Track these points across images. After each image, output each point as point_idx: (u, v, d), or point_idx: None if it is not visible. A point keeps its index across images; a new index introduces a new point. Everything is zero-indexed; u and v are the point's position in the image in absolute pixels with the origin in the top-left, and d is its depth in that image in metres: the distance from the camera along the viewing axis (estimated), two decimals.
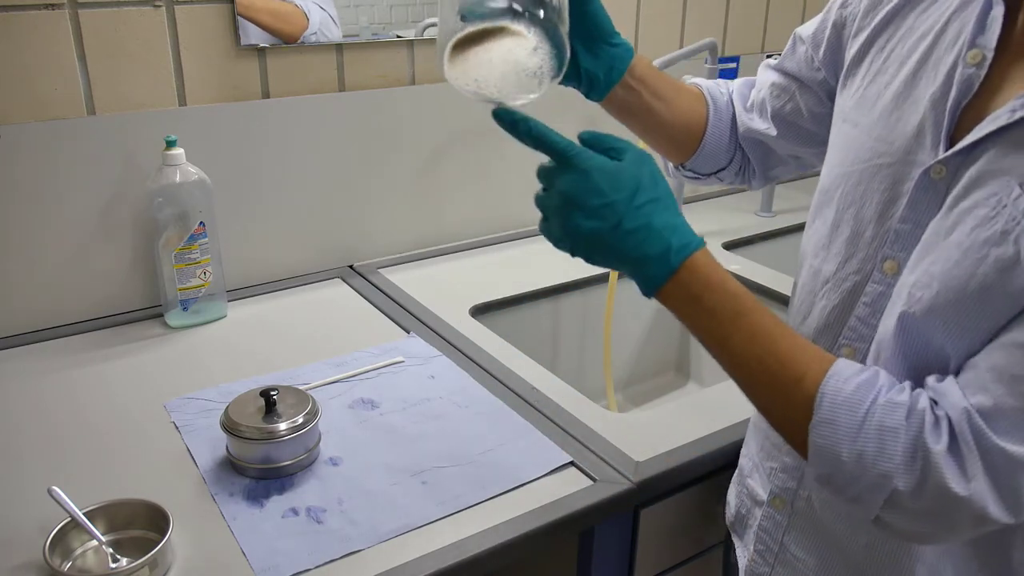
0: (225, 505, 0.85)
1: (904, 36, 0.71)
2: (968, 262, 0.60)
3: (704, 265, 0.66)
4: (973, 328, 0.60)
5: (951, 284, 0.61)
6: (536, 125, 0.66)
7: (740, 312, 0.65)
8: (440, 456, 0.93)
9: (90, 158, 1.18)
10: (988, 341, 0.60)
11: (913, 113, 0.68)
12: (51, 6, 1.12)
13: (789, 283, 1.43)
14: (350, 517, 0.84)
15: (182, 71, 1.24)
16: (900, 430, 0.59)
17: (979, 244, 0.59)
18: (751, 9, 1.86)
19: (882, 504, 0.61)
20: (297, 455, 0.89)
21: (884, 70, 0.72)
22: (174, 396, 1.04)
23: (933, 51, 0.68)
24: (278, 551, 0.79)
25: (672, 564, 1.04)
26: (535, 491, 0.88)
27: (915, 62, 0.69)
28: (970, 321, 0.60)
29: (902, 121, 0.69)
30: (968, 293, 0.60)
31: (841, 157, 0.75)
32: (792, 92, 0.87)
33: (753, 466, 0.87)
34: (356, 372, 1.10)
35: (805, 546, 0.81)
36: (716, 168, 0.93)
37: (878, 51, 0.74)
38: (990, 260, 0.59)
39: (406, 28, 1.41)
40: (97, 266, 1.23)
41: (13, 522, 0.82)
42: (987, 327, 0.59)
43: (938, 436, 0.59)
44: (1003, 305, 0.58)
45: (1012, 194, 0.58)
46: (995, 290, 0.58)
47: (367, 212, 1.45)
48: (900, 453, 0.59)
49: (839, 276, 0.74)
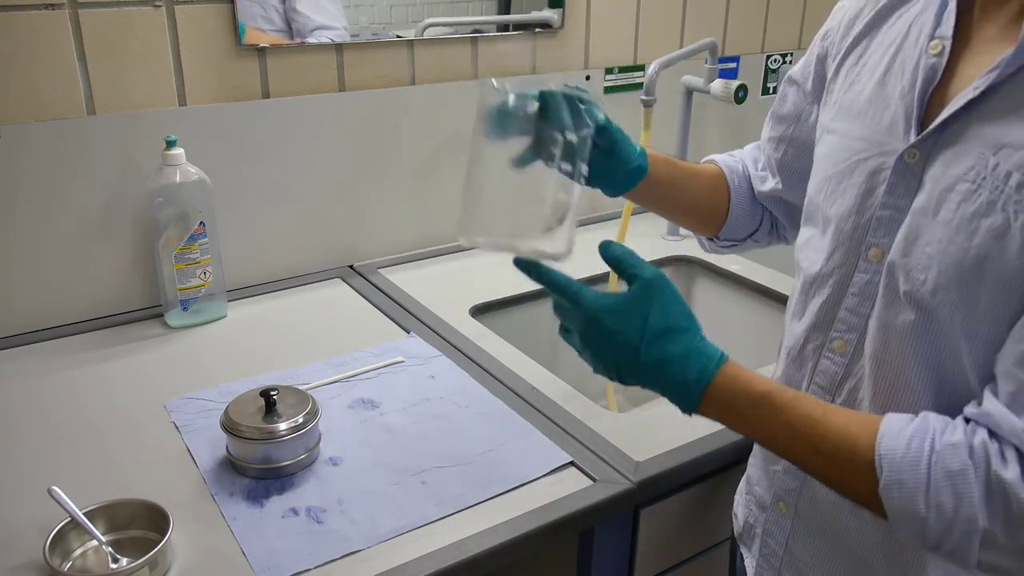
0: (225, 505, 0.85)
1: (875, 48, 0.75)
2: (960, 237, 0.61)
3: (725, 383, 0.68)
4: (984, 304, 0.61)
5: (948, 261, 0.62)
6: (546, 272, 0.71)
7: (775, 410, 0.66)
8: (440, 456, 0.93)
9: (90, 158, 1.18)
10: (1005, 323, 0.60)
11: (885, 109, 0.71)
12: (51, 6, 1.12)
13: (789, 283, 1.43)
14: (350, 517, 0.84)
15: (182, 71, 1.24)
16: (968, 470, 0.59)
17: (968, 218, 0.61)
18: (751, 9, 1.86)
19: (978, 548, 0.59)
20: (297, 455, 0.89)
21: (858, 79, 0.75)
22: (174, 396, 1.04)
23: (899, 54, 0.71)
24: (278, 551, 0.79)
25: (672, 564, 1.04)
26: (535, 491, 0.88)
27: (884, 66, 0.73)
28: (978, 297, 0.61)
29: (875, 118, 0.71)
30: (967, 268, 0.61)
31: (823, 164, 0.77)
32: (788, 138, 0.89)
33: (760, 473, 0.87)
34: (356, 372, 1.10)
35: (811, 549, 0.80)
36: (748, 234, 0.97)
37: (852, 65, 0.77)
38: (981, 231, 0.60)
39: (406, 28, 1.41)
40: (97, 266, 1.23)
41: (13, 522, 0.82)
42: (998, 301, 0.60)
43: (1006, 464, 0.58)
44: (1007, 274, 0.59)
45: (988, 164, 0.61)
46: (992, 259, 0.60)
47: (367, 212, 1.45)
48: (976, 493, 0.58)
49: (824, 271, 0.75)
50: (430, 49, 1.44)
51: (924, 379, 0.66)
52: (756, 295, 1.46)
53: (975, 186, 0.61)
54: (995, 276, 0.60)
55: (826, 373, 0.76)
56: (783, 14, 1.93)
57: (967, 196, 0.62)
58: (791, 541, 0.82)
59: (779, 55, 1.94)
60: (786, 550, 0.82)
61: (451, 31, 1.47)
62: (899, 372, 0.68)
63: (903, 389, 0.68)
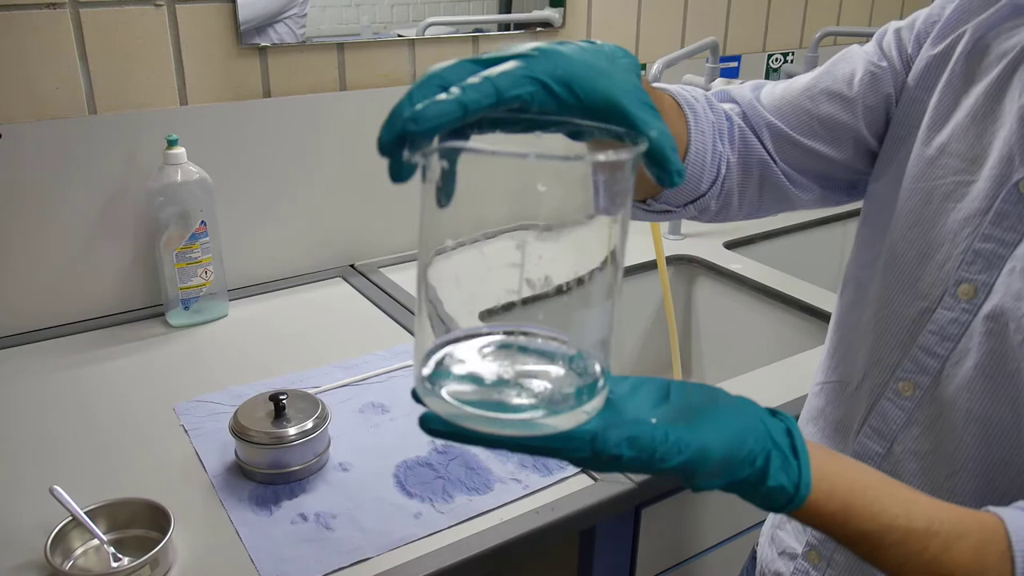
0: (233, 510, 0.84)
1: (976, 54, 0.66)
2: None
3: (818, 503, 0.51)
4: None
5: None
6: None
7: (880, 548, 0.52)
8: (451, 461, 0.92)
9: (91, 157, 1.18)
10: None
11: (998, 127, 0.62)
12: (52, 5, 1.12)
13: (789, 283, 1.44)
14: (360, 524, 0.83)
15: (183, 70, 1.24)
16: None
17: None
18: (752, 8, 1.86)
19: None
20: (307, 460, 0.89)
21: (950, 84, 0.66)
22: (178, 396, 1.04)
23: (1019, 68, 0.62)
24: (286, 557, 0.78)
25: (673, 563, 1.04)
26: (535, 491, 0.88)
27: (995, 77, 0.64)
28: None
29: (984, 136, 0.63)
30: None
31: (899, 174, 0.68)
32: (887, 78, 0.71)
33: (784, 517, 0.75)
34: (366, 376, 1.09)
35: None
36: (693, 196, 0.72)
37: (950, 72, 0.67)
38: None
39: (407, 27, 1.41)
40: (98, 265, 1.24)
41: (14, 521, 0.82)
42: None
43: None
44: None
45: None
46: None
47: (368, 211, 1.45)
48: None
49: (899, 303, 0.67)
50: (431, 48, 1.44)
51: (995, 438, 0.61)
52: (757, 295, 1.46)
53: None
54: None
55: (885, 416, 0.68)
56: (784, 13, 1.92)
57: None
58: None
59: (780, 54, 1.94)
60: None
61: (452, 30, 1.47)
62: (965, 427, 0.62)
63: (964, 446, 0.62)
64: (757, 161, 0.73)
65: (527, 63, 0.44)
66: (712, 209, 0.73)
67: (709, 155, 0.70)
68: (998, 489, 0.63)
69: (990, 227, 0.61)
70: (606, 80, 0.45)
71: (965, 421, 0.62)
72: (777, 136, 0.73)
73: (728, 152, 0.72)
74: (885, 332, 0.68)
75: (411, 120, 0.40)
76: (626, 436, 0.44)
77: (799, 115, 0.73)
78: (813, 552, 0.75)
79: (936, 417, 0.64)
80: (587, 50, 0.47)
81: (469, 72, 0.43)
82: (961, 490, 0.64)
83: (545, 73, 0.44)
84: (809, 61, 1.73)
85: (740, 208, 0.75)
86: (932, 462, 0.65)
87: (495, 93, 0.42)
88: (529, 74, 0.43)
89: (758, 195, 0.75)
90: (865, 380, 0.70)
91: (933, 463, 0.65)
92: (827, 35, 1.74)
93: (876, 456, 0.69)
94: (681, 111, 0.69)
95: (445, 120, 0.40)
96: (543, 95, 0.44)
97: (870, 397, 0.69)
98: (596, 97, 0.45)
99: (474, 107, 0.41)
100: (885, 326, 0.68)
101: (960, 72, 0.66)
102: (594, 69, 0.45)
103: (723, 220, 0.76)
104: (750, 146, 0.73)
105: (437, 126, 0.40)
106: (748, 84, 0.78)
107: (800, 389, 1.05)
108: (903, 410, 0.67)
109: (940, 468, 0.65)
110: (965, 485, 0.64)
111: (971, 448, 0.63)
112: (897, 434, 0.67)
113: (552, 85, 0.44)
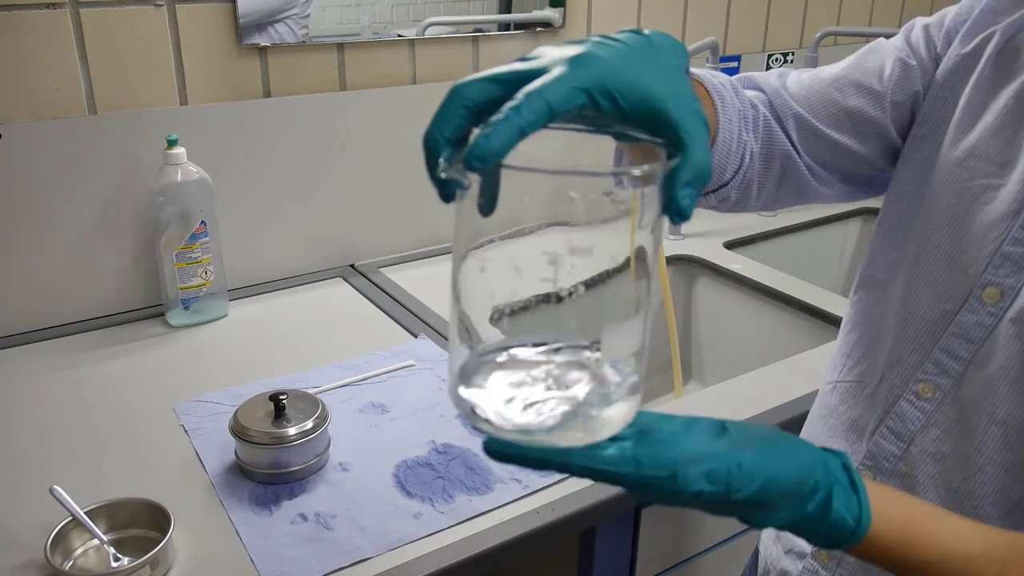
0: (233, 510, 0.84)
1: (1005, 55, 0.65)
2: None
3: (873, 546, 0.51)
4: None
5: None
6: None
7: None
8: (451, 461, 0.92)
9: (91, 157, 1.18)
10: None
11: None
12: (52, 5, 1.12)
13: (789, 283, 1.44)
14: (359, 524, 0.83)
15: (183, 70, 1.24)
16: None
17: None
18: (752, 8, 1.86)
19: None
20: (307, 460, 0.89)
21: (978, 86, 0.66)
22: (178, 396, 1.04)
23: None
24: (286, 557, 0.78)
25: (674, 563, 1.04)
26: (535, 491, 0.88)
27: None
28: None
29: (1014, 140, 0.62)
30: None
31: (922, 174, 0.68)
32: (916, 77, 0.70)
33: None
34: (366, 376, 1.09)
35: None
36: (716, 185, 0.73)
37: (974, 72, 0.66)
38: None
39: (407, 27, 1.41)
40: (98, 265, 1.24)
41: (14, 521, 0.82)
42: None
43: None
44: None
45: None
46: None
47: (368, 211, 1.45)
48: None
49: (921, 304, 0.66)
50: (431, 48, 1.44)
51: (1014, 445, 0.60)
52: (757, 295, 1.46)
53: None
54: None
55: (903, 418, 0.67)
56: (784, 13, 1.92)
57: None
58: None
59: (780, 54, 1.94)
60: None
61: (452, 30, 1.47)
62: (986, 430, 0.61)
63: (983, 449, 0.62)
64: (780, 152, 0.72)
65: (572, 72, 0.41)
66: (732, 199, 0.72)
67: (735, 144, 0.68)
68: (1012, 493, 0.62)
69: (1019, 231, 0.60)
70: (655, 85, 0.43)
71: (986, 424, 0.62)
72: (803, 127, 0.72)
73: (752, 142, 0.71)
74: (906, 333, 0.67)
75: (478, 160, 0.39)
76: (704, 471, 0.44)
77: (827, 106, 0.72)
78: (823, 551, 0.74)
79: (956, 420, 0.64)
80: (634, 48, 0.44)
81: (489, 91, 0.42)
82: (977, 492, 0.64)
83: (591, 83, 0.42)
84: (809, 61, 1.72)
85: (758, 199, 0.74)
86: (949, 464, 0.65)
87: (548, 111, 0.40)
88: (577, 85, 0.41)
89: (777, 186, 0.74)
90: (883, 381, 0.69)
91: (950, 465, 0.65)
92: (827, 35, 1.74)
93: (892, 457, 0.69)
94: (709, 97, 0.67)
95: (508, 149, 0.39)
96: (591, 107, 0.42)
97: (888, 398, 0.69)
98: (643, 107, 0.43)
99: (531, 129, 0.40)
100: (906, 327, 0.67)
101: (989, 74, 0.65)
102: (642, 72, 0.43)
103: (740, 211, 0.75)
104: (774, 136, 0.72)
105: (501, 155, 0.40)
106: (773, 72, 0.77)
107: (800, 389, 1.05)
108: (922, 412, 0.66)
109: (957, 470, 0.65)
110: (981, 488, 0.64)
111: (990, 451, 0.62)
112: (915, 435, 0.67)
113: (598, 98, 0.42)
